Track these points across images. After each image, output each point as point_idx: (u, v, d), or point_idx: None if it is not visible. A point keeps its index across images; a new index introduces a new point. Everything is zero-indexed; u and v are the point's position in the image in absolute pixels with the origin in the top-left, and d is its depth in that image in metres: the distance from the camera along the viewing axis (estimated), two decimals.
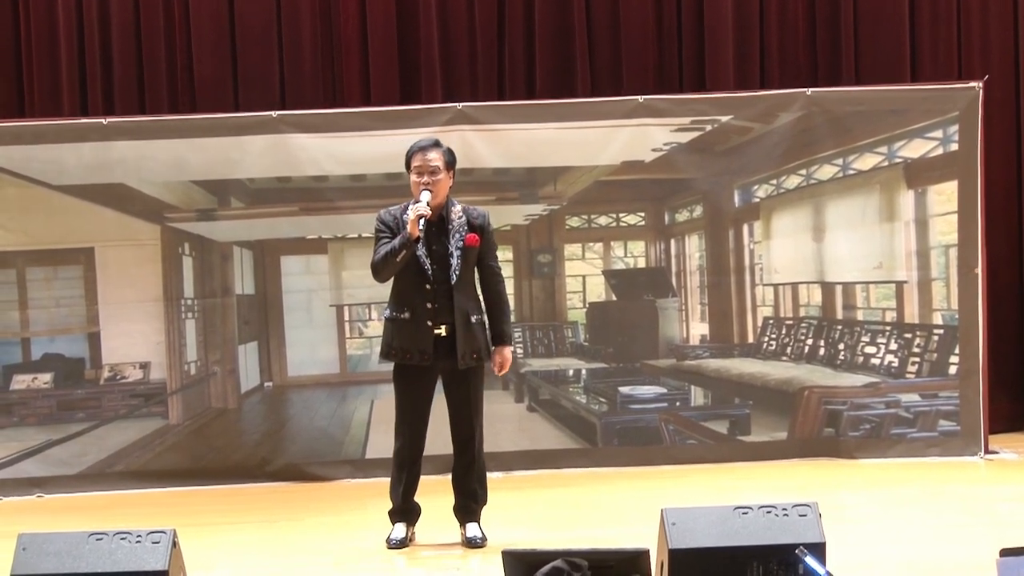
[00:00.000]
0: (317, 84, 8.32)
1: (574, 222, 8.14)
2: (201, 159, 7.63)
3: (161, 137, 7.58)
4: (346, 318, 7.99)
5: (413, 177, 5.50)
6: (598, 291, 8.14)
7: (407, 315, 5.51)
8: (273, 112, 7.68)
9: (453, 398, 5.63)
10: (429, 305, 5.47)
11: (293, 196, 7.87)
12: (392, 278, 5.56)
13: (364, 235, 7.84)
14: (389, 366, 5.73)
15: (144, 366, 7.72)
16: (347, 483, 7.55)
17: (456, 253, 5.50)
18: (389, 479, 5.79)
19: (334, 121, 7.68)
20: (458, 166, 5.73)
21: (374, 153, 7.63)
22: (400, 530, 5.69)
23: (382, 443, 7.56)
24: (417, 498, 5.75)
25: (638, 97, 7.78)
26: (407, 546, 5.67)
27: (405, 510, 5.70)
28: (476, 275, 5.63)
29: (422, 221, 5.32)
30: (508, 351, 5.65)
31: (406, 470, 5.66)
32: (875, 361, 7.95)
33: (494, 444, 5.79)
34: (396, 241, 5.40)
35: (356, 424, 7.82)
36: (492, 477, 5.78)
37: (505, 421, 7.64)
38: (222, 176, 7.76)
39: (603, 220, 8.18)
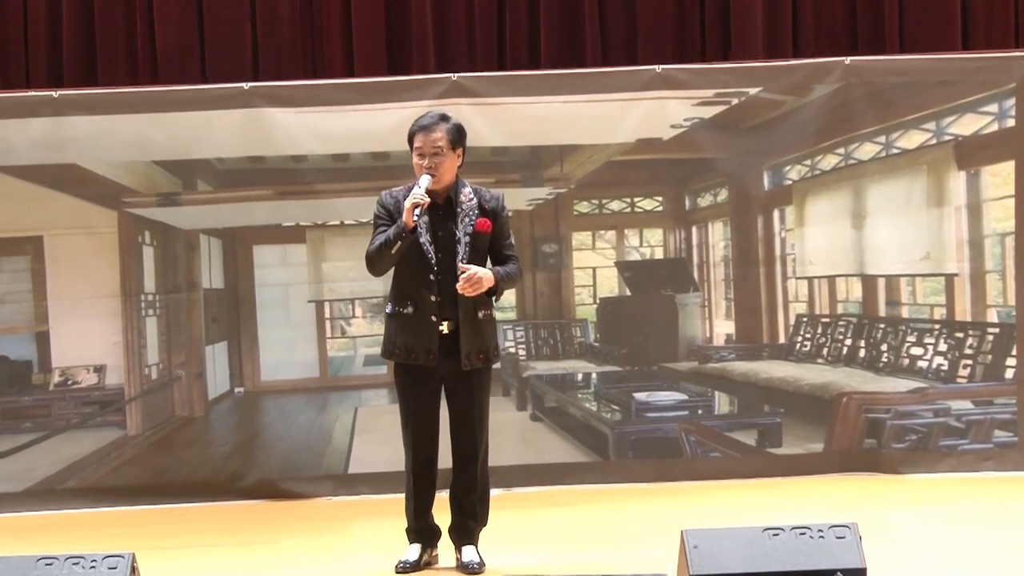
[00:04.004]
0: (295, 52, 8.29)
1: (583, 207, 8.13)
2: (164, 137, 7.62)
3: (119, 112, 7.56)
4: (327, 315, 7.99)
5: (415, 158, 5.48)
6: (610, 285, 8.13)
7: (410, 310, 5.49)
8: (245, 84, 7.67)
9: (456, 406, 5.60)
10: (433, 298, 5.45)
11: (267, 178, 7.86)
12: (391, 270, 5.53)
13: (347, 222, 7.88)
14: (376, 369, 5.72)
15: (99, 369, 7.72)
16: (328, 501, 7.54)
17: (464, 240, 5.47)
18: (382, 494, 5.78)
19: (314, 94, 7.66)
20: None
21: (358, 130, 7.63)
22: (413, 552, 5.66)
23: (367, 456, 7.60)
24: None
25: (655, 67, 7.76)
26: (420, 569, 5.65)
27: (419, 529, 5.69)
28: (489, 265, 5.58)
29: (418, 210, 5.30)
30: (482, 272, 5.35)
31: (417, 482, 5.63)
32: (922, 364, 7.94)
33: (493, 457, 5.75)
34: (391, 231, 5.38)
35: (338, 435, 7.82)
36: (492, 494, 5.77)
37: (506, 431, 7.60)
38: (187, 156, 7.75)
39: (616, 205, 8.17)
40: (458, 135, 5.53)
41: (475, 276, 5.32)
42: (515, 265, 5.57)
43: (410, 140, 5.51)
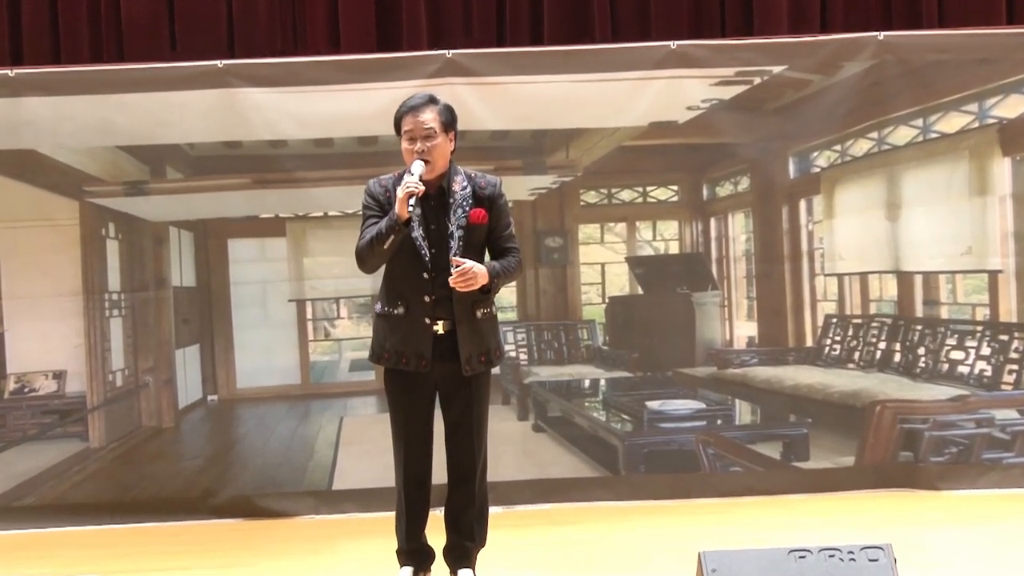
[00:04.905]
0: (274, 26, 8.28)
1: (591, 197, 8.12)
2: (130, 120, 7.60)
3: (81, 93, 7.55)
4: (309, 316, 7.98)
5: (404, 144, 5.46)
6: (620, 283, 8.13)
7: (401, 310, 5.48)
8: (219, 61, 7.65)
9: (452, 415, 5.58)
10: (427, 298, 5.43)
11: (244, 165, 7.85)
12: (383, 267, 5.52)
13: (331, 213, 7.87)
14: (363, 375, 5.71)
15: (59, 376, 7.71)
16: (311, 520, 7.53)
17: (457, 234, 5.46)
18: (370, 512, 5.76)
19: (294, 73, 7.64)
20: None
21: (343, 112, 7.62)
22: (406, 575, 5.67)
23: (353, 470, 7.59)
24: None
25: (670, 43, 7.75)
26: None
27: (411, 551, 5.67)
28: (487, 258, 5.56)
29: (412, 199, 5.28)
30: (478, 267, 5.32)
31: (409, 499, 5.61)
32: (963, 369, 7.93)
33: (492, 471, 5.75)
34: (383, 223, 5.36)
35: (321, 447, 7.81)
36: (491, 512, 5.76)
37: (506, 443, 7.61)
38: (156, 140, 7.73)
39: (626, 195, 8.16)
40: (450, 116, 5.52)
41: (470, 271, 5.30)
42: (515, 258, 5.54)
43: (397, 124, 5.50)
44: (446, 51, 7.66)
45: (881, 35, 7.79)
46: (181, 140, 7.76)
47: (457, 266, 5.30)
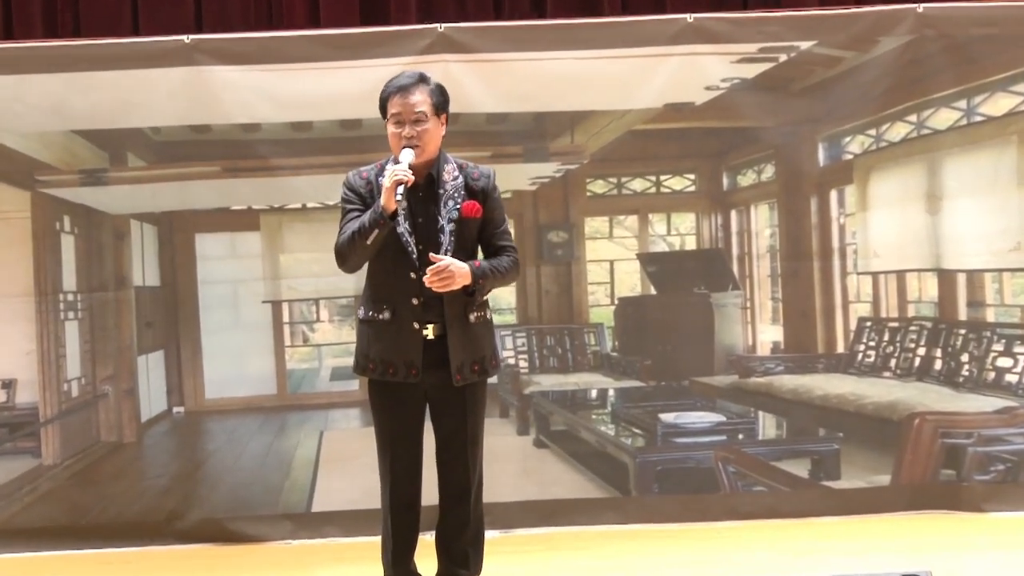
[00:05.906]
0: None
1: (599, 187, 8.11)
2: (87, 102, 7.60)
3: (32, 71, 7.54)
4: (285, 319, 7.97)
5: (391, 128, 5.45)
6: (631, 282, 8.13)
7: (387, 315, 5.47)
8: (186, 36, 7.64)
9: (444, 429, 5.58)
10: (415, 300, 5.42)
11: (213, 152, 7.85)
12: (365, 265, 5.51)
13: (310, 205, 7.86)
14: (345, 385, 5.70)
15: (8, 385, 7.70)
16: (287, 545, 7.53)
17: (448, 228, 5.45)
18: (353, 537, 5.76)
19: (269, 49, 7.64)
20: None
21: (323, 93, 7.62)
22: None
23: (334, 490, 7.59)
24: None
25: (686, 16, 7.75)
26: None
27: None
28: (480, 257, 5.55)
29: (401, 189, 5.26)
30: (457, 265, 5.29)
31: (396, 522, 5.60)
32: (1011, 378, 7.92)
33: (489, 492, 5.74)
34: (366, 217, 5.34)
35: (299, 465, 7.81)
36: (487, 537, 5.76)
37: (504, 461, 7.62)
38: (116, 124, 7.73)
39: (638, 184, 8.16)
40: (442, 98, 5.51)
41: (446, 268, 5.27)
42: (510, 257, 5.53)
43: (383, 105, 5.48)
44: (438, 25, 7.64)
45: (921, 7, 7.79)
46: (144, 124, 7.76)
47: (434, 263, 5.28)
